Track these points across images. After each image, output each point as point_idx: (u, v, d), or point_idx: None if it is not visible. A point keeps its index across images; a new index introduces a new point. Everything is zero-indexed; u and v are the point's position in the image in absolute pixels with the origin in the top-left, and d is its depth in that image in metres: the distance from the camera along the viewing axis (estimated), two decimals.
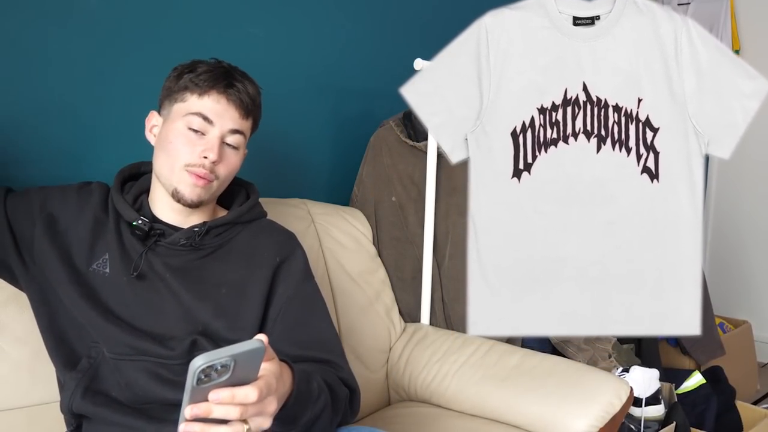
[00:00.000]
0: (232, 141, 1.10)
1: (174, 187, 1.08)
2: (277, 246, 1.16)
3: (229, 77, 1.10)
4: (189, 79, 1.09)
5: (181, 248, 1.11)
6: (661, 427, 1.74)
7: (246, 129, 1.12)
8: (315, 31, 1.83)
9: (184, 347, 1.05)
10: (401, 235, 1.81)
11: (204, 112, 1.07)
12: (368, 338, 1.67)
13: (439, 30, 2.18)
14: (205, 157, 1.06)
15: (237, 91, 1.09)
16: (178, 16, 1.53)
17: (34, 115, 1.33)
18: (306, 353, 1.07)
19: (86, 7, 1.38)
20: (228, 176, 1.13)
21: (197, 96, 1.08)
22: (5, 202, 1.11)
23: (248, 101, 1.11)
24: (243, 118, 1.11)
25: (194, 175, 1.07)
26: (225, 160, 1.10)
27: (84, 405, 1.04)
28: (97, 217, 1.12)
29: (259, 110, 1.16)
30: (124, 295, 1.07)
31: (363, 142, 1.87)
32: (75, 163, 1.37)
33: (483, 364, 1.55)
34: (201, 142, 1.07)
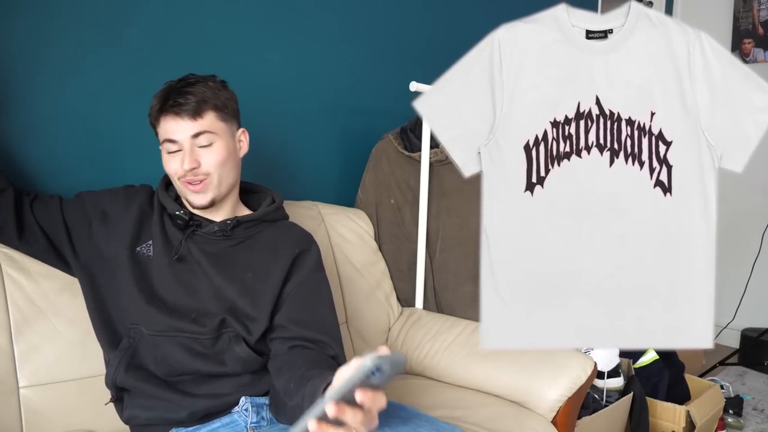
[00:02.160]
0: (202, 141, 1.08)
1: (186, 198, 1.12)
2: (297, 241, 1.17)
3: (173, 94, 1.06)
4: (150, 115, 1.10)
5: (214, 237, 1.12)
6: (620, 396, 1.74)
7: (207, 125, 1.08)
8: (324, 57, 1.83)
9: (214, 324, 1.06)
10: (399, 233, 1.81)
11: (167, 136, 1.08)
12: (370, 320, 1.67)
13: (433, 56, 2.19)
14: (184, 168, 1.07)
15: (179, 104, 1.06)
16: (206, 43, 1.53)
17: (79, 128, 1.33)
18: (303, 332, 1.06)
19: (130, 35, 1.38)
20: (222, 166, 1.10)
21: (159, 126, 1.09)
22: (61, 206, 1.13)
23: (194, 105, 1.06)
24: (194, 119, 1.07)
25: (188, 184, 1.09)
26: (206, 158, 1.08)
27: (126, 379, 1.05)
28: (143, 210, 1.14)
29: (216, 96, 1.09)
30: (165, 275, 1.08)
31: (366, 153, 1.87)
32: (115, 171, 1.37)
33: (468, 343, 1.55)
34: (178, 157, 1.08)
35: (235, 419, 1.07)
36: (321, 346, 1.06)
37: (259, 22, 1.65)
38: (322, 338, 1.07)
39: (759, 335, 2.85)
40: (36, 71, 1.25)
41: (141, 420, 1.06)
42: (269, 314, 1.08)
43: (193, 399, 1.05)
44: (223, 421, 1.06)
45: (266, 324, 1.08)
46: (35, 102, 1.25)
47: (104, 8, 1.33)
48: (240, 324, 1.07)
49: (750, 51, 3.12)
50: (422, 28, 2.16)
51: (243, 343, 1.06)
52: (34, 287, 1.14)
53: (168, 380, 1.06)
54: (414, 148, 1.75)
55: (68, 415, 1.13)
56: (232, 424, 1.06)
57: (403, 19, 2.08)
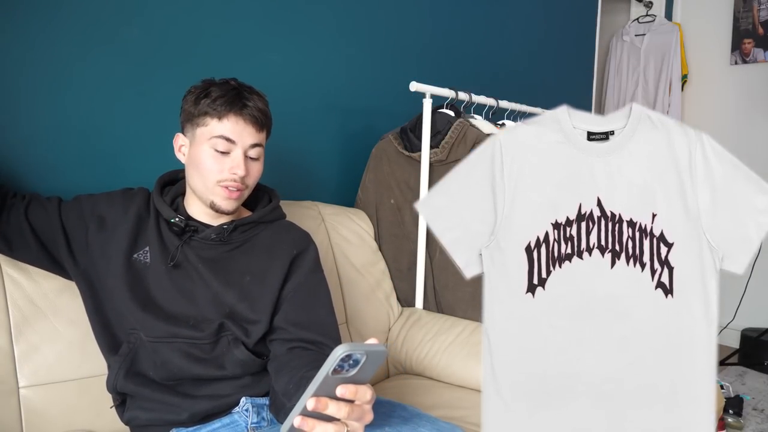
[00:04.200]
0: (253, 154, 1.09)
1: (210, 200, 1.08)
2: (295, 242, 1.16)
3: (242, 98, 1.07)
4: (207, 105, 1.06)
5: (211, 242, 1.11)
6: None
7: (263, 140, 1.11)
8: (325, 57, 1.83)
9: (212, 329, 1.05)
10: (399, 233, 1.81)
11: (226, 135, 1.06)
12: (370, 320, 1.67)
13: (434, 56, 2.20)
14: (234, 173, 1.06)
15: (250, 109, 1.07)
16: (206, 44, 1.53)
17: (78, 128, 1.33)
18: (302, 333, 1.06)
19: (129, 35, 1.38)
20: (254, 183, 1.12)
21: (217, 120, 1.06)
22: (60, 210, 1.11)
23: (260, 116, 1.08)
24: (259, 131, 1.09)
25: (227, 189, 1.07)
26: (252, 170, 1.10)
27: (126, 384, 1.04)
28: (140, 215, 1.12)
29: (270, 119, 1.13)
30: (162, 282, 1.07)
31: (366, 153, 1.87)
32: (114, 172, 1.37)
33: (468, 343, 1.55)
34: (228, 160, 1.06)
35: (235, 419, 1.06)
36: (320, 347, 1.05)
37: (259, 21, 1.65)
38: (321, 339, 1.06)
39: (759, 335, 2.85)
40: (32, 71, 1.24)
41: (141, 421, 1.06)
42: (269, 317, 1.08)
43: (193, 400, 1.05)
44: (224, 421, 1.06)
45: (266, 327, 1.07)
46: (32, 102, 1.25)
47: (103, 7, 1.33)
48: (239, 327, 1.07)
49: (750, 51, 3.12)
50: (423, 27, 2.16)
51: (242, 346, 1.06)
52: (34, 287, 1.14)
53: (167, 384, 1.06)
54: (414, 148, 1.75)
55: (68, 416, 1.13)
56: (232, 424, 1.06)
57: (403, 19, 2.08)
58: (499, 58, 2.52)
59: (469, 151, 1.66)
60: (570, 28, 2.96)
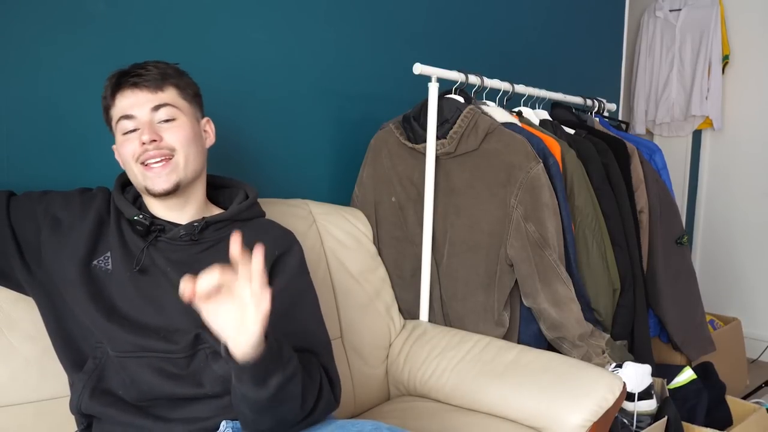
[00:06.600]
0: (162, 115, 1.10)
1: (143, 186, 1.10)
2: (276, 242, 1.16)
3: (129, 73, 1.10)
4: (104, 99, 1.12)
5: (181, 242, 1.11)
6: (653, 421, 1.73)
7: (169, 99, 1.11)
8: (316, 35, 1.82)
9: (187, 341, 1.05)
10: (401, 235, 1.81)
11: (123, 112, 1.09)
12: (368, 335, 1.67)
13: (439, 36, 2.19)
14: (143, 142, 1.07)
15: (139, 75, 1.09)
16: (182, 20, 1.52)
17: (35, 118, 1.32)
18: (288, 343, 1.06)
19: (94, 12, 1.38)
20: (189, 145, 1.11)
21: (113, 106, 1.10)
22: (8, 210, 1.10)
23: (156, 75, 1.10)
24: (156, 91, 1.10)
25: (147, 166, 1.08)
26: (168, 133, 1.09)
27: (92, 405, 1.04)
28: (100, 217, 1.12)
29: (178, 76, 1.14)
30: (126, 290, 1.07)
31: (363, 144, 1.86)
32: (76, 167, 1.37)
33: (480, 360, 1.54)
34: (136, 135, 1.09)
35: None
36: (306, 358, 1.06)
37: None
38: (307, 347, 1.07)
39: None
40: None
41: None
42: None
43: (167, 425, 1.04)
44: None
45: None
46: None
47: None
48: (218, 339, 1.06)
49: None
50: (426, 3, 2.16)
51: (222, 361, 1.05)
52: None
53: (139, 405, 1.05)
54: (418, 138, 1.75)
55: None
56: None
57: None
58: (514, 37, 2.51)
59: (481, 142, 1.66)
60: (595, 2, 2.96)
